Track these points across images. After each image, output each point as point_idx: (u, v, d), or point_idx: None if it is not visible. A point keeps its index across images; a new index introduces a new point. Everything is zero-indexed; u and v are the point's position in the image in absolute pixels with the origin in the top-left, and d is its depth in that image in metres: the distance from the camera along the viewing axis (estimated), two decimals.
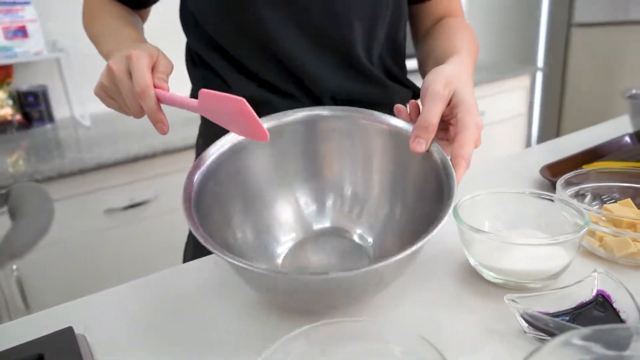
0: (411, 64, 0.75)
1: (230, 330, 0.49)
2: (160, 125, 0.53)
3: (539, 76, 3.02)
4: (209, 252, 0.64)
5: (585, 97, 2.65)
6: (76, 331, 0.49)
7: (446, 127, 0.55)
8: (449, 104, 0.53)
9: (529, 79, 2.31)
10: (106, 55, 0.66)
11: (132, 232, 1.44)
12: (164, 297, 0.56)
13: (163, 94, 0.52)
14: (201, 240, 0.43)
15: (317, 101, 0.69)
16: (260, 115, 0.69)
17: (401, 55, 0.77)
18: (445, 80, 0.53)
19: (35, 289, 1.35)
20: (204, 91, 0.48)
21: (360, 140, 0.59)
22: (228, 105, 0.47)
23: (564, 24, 2.74)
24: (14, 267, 1.30)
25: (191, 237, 0.83)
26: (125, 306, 0.55)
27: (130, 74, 0.53)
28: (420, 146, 0.52)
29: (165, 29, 1.22)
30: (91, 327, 0.51)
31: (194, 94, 0.77)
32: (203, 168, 0.54)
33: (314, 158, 0.60)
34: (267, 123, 0.58)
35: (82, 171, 1.32)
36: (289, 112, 0.59)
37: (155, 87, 0.52)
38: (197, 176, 0.53)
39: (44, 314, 0.55)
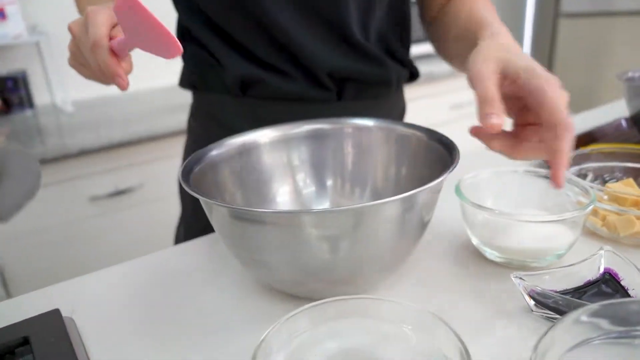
0: (417, 50, 0.72)
1: (225, 312, 0.47)
2: (119, 80, 0.48)
3: None
4: (200, 234, 0.63)
5: (573, 88, 2.65)
6: (63, 314, 0.47)
7: (524, 106, 0.46)
8: (508, 80, 0.45)
9: None
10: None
11: (118, 220, 1.41)
12: (155, 279, 0.54)
13: (117, 42, 0.47)
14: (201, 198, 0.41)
15: (312, 78, 0.67)
16: (253, 94, 0.67)
17: (406, 32, 0.74)
18: (482, 56, 0.46)
19: (17, 276, 1.31)
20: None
21: (360, 138, 0.59)
22: (136, 15, 0.41)
23: (550, 14, 2.75)
24: None
25: (183, 218, 0.80)
26: (115, 289, 0.53)
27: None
28: (491, 119, 0.42)
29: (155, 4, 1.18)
30: (79, 310, 0.49)
31: (185, 74, 0.74)
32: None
33: (318, 154, 0.60)
34: (274, 133, 0.58)
35: (66, 157, 1.28)
36: (294, 124, 0.60)
37: (111, 38, 0.47)
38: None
39: (29, 296, 0.52)
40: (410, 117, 0.86)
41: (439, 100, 2.02)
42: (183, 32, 0.71)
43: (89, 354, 0.43)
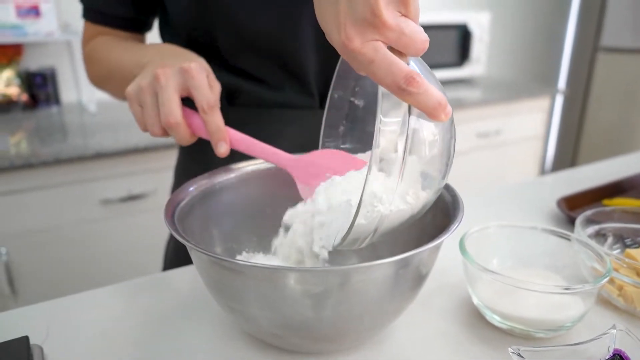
0: (445, 74, 0.70)
1: (200, 357, 0.44)
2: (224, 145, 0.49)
3: (559, 99, 2.95)
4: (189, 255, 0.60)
5: (606, 125, 2.57)
6: (35, 340, 0.45)
7: None
8: None
9: (549, 101, 2.24)
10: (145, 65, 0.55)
11: (127, 224, 1.40)
12: (136, 309, 0.52)
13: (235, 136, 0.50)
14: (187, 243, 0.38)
15: (298, 86, 0.66)
16: (239, 104, 0.66)
17: None
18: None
19: (24, 274, 1.31)
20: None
21: None
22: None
23: (589, 47, 2.67)
24: (3, 251, 1.26)
25: (172, 238, 0.78)
26: (92, 315, 0.51)
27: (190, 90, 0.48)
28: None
29: None
30: (52, 336, 0.47)
31: None
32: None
33: None
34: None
35: (81, 158, 1.28)
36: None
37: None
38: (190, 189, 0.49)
39: (6, 315, 0.50)
40: None
41: (465, 127, 1.97)
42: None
43: None
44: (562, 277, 0.51)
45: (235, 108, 0.66)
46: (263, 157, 0.50)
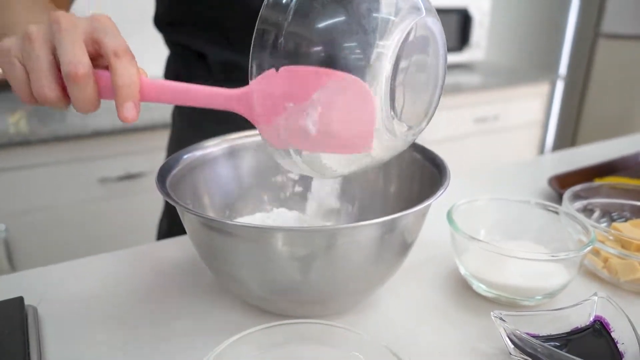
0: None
1: (191, 319, 0.45)
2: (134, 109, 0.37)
3: (560, 85, 2.94)
4: (182, 230, 0.61)
5: (606, 112, 2.57)
6: (30, 302, 0.46)
7: None
8: None
9: (549, 87, 2.24)
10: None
11: (125, 203, 1.41)
12: (130, 274, 0.53)
13: (149, 84, 0.37)
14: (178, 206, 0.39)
15: None
16: (235, 79, 0.65)
17: None
18: None
19: (23, 251, 1.32)
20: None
21: None
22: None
23: (590, 33, 2.66)
24: (2, 228, 1.28)
25: (166, 212, 0.79)
26: (87, 281, 0.52)
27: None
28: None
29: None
30: (46, 299, 0.48)
31: (170, 64, 0.74)
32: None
33: None
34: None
35: (80, 137, 1.29)
36: None
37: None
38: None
39: (3, 278, 0.51)
40: (432, 127, 0.82)
41: (463, 112, 1.97)
42: (165, 23, 0.71)
43: (44, 348, 0.41)
44: (549, 249, 0.52)
45: (233, 84, 0.67)
46: (197, 103, 0.38)
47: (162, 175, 0.45)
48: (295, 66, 0.33)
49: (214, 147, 0.53)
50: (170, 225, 0.75)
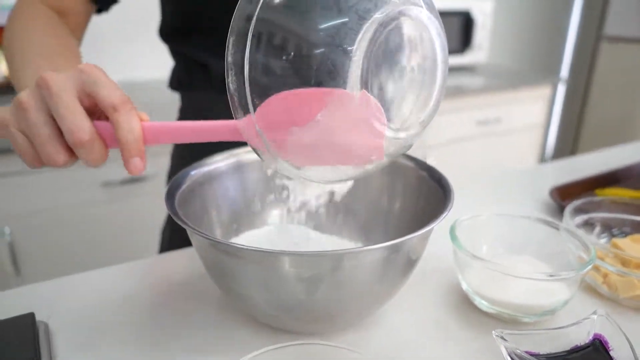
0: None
1: (200, 336, 0.46)
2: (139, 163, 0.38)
3: (562, 88, 2.95)
4: (185, 241, 0.62)
5: (608, 115, 2.57)
6: (40, 317, 0.47)
7: None
8: None
9: (550, 90, 2.24)
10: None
11: (128, 207, 1.42)
12: (140, 287, 0.53)
13: (153, 129, 0.38)
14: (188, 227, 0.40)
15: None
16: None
17: None
18: None
19: (27, 254, 1.33)
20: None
21: None
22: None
23: (592, 36, 2.66)
24: (7, 231, 1.29)
25: (169, 222, 0.80)
26: (96, 294, 0.52)
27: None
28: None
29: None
30: (56, 314, 0.49)
31: (174, 74, 0.75)
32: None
33: None
34: None
35: None
36: None
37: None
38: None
39: (8, 294, 0.52)
40: (435, 130, 0.83)
41: (465, 114, 1.97)
42: (170, 35, 0.73)
43: None
44: (550, 265, 0.53)
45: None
46: (199, 138, 0.39)
47: (171, 193, 0.45)
48: (293, 90, 0.32)
49: (220, 162, 0.54)
50: (173, 233, 0.76)
